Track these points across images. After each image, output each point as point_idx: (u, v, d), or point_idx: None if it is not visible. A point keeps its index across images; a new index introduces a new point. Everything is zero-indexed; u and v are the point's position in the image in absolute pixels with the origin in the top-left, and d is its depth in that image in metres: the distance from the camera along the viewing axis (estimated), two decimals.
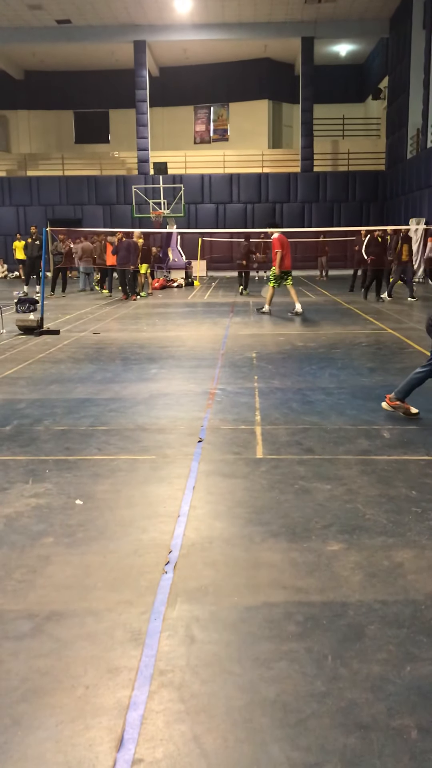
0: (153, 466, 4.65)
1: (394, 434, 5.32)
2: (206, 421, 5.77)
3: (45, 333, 11.16)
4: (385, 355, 8.90)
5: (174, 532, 3.61)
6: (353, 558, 3.29)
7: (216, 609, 2.85)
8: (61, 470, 4.59)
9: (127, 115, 33.15)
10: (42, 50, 30.64)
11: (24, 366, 8.39)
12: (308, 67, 29.61)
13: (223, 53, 31.57)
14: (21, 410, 6.20)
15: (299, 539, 3.50)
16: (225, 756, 2.05)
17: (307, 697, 2.31)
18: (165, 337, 10.94)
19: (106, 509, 3.93)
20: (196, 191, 30.18)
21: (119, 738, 2.13)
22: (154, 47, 30.35)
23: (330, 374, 7.67)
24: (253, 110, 33.62)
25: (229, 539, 3.52)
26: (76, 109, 35.53)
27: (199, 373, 7.81)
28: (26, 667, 2.49)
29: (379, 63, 31.29)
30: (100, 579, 3.12)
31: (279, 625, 2.73)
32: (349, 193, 30.55)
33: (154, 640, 2.64)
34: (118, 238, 17.53)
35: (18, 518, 3.81)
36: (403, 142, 26.69)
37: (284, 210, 30.43)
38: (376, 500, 4.00)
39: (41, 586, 3.06)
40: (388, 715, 2.22)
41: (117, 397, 6.70)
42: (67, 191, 30.79)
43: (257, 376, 7.63)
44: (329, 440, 5.19)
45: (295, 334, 10.89)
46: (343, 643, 2.62)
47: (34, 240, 19.52)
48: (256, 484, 4.30)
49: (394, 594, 2.96)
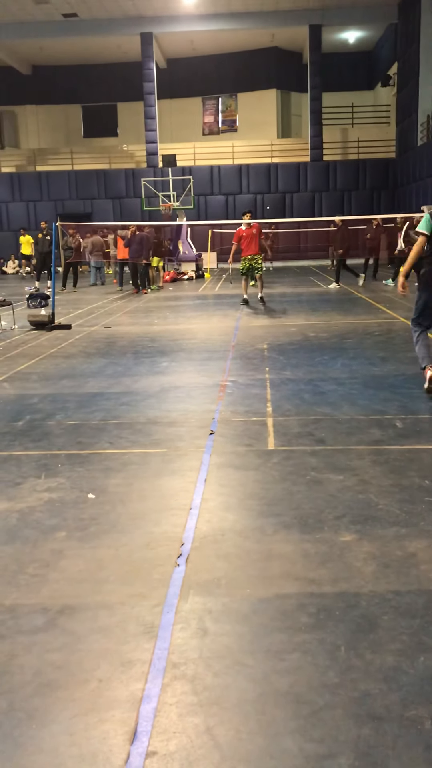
0: (165, 459, 4.66)
1: (407, 424, 5.29)
2: (217, 413, 5.76)
3: (56, 328, 11.19)
4: (397, 344, 8.85)
5: (186, 524, 3.61)
6: (366, 548, 3.28)
7: (228, 601, 2.85)
8: (73, 464, 4.60)
9: (135, 108, 33.05)
10: (49, 45, 30.59)
11: (36, 361, 8.42)
12: (316, 55, 29.38)
13: (231, 43, 31.39)
14: (33, 405, 6.22)
15: (311, 530, 3.49)
16: (238, 748, 2.05)
17: (320, 688, 2.31)
18: (176, 330, 10.93)
19: (118, 503, 3.94)
20: (205, 183, 30.08)
21: (133, 731, 2.13)
22: (161, 39, 30.22)
23: (342, 364, 7.63)
24: (262, 100, 33.43)
25: (241, 531, 3.51)
26: (84, 103, 35.48)
27: (210, 366, 7.80)
28: (40, 661, 2.50)
29: (387, 49, 30.98)
30: (112, 572, 3.12)
31: (291, 617, 2.73)
32: (359, 181, 30.33)
33: (167, 633, 2.64)
34: (132, 231, 17.49)
35: (31, 513, 3.83)
36: (413, 129, 26.44)
37: (294, 199, 30.27)
38: (388, 490, 3.98)
39: (54, 580, 3.08)
40: (401, 705, 2.21)
41: (128, 390, 6.71)
42: (77, 186, 30.79)
43: (268, 367, 7.61)
44: (341, 431, 5.17)
45: (306, 325, 10.85)
46: (356, 633, 2.61)
47: (44, 235, 19.54)
48: (267, 476, 4.29)
49: (408, 584, 2.95)
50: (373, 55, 34.18)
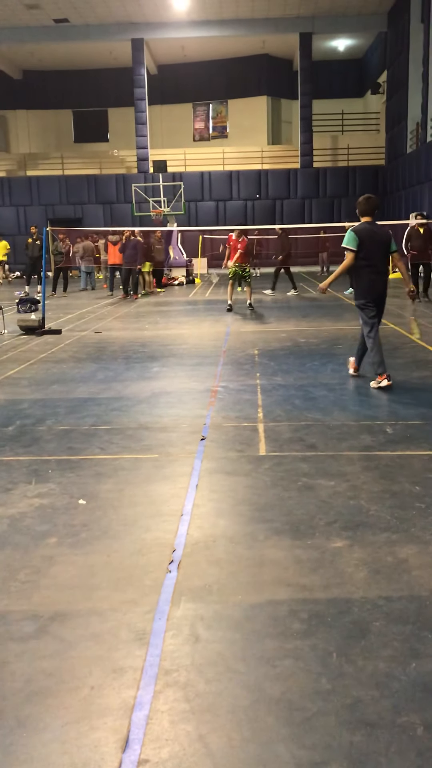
0: (156, 465, 4.65)
1: (397, 429, 5.31)
2: (209, 418, 5.76)
3: (47, 333, 11.15)
4: (386, 350, 8.85)
5: (177, 530, 3.60)
6: (357, 554, 3.28)
7: (220, 607, 2.85)
8: (63, 470, 4.58)
9: (126, 114, 33.10)
10: (40, 49, 30.59)
11: (26, 366, 8.39)
12: (307, 63, 29.53)
13: (221, 50, 31.51)
14: (23, 410, 6.19)
15: (303, 536, 3.49)
16: (230, 755, 2.04)
17: (313, 695, 2.30)
18: (167, 335, 10.93)
19: (109, 509, 3.92)
20: (195, 189, 30.13)
21: (125, 738, 2.12)
22: (152, 45, 30.30)
23: (332, 370, 7.65)
24: (252, 107, 33.54)
25: (232, 537, 3.51)
26: (75, 108, 35.49)
27: (201, 371, 7.80)
28: (31, 668, 2.48)
29: (377, 57, 31.19)
30: (104, 579, 3.11)
31: (283, 623, 2.73)
32: (349, 188, 30.47)
33: (159, 640, 2.63)
34: (126, 236, 17.48)
35: (22, 519, 3.81)
36: (402, 137, 26.61)
37: (284, 206, 30.38)
38: (379, 496, 3.99)
39: (45, 586, 3.06)
40: (393, 712, 2.21)
41: (119, 396, 6.70)
42: (67, 191, 30.77)
43: (259, 372, 7.62)
44: (332, 436, 5.18)
45: (296, 331, 10.87)
46: (347, 640, 2.61)
47: (35, 240, 19.50)
48: (259, 482, 4.29)
49: (399, 590, 2.95)
50: (363, 62, 34.41)
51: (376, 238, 6.62)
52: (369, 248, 6.57)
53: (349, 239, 6.57)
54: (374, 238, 6.60)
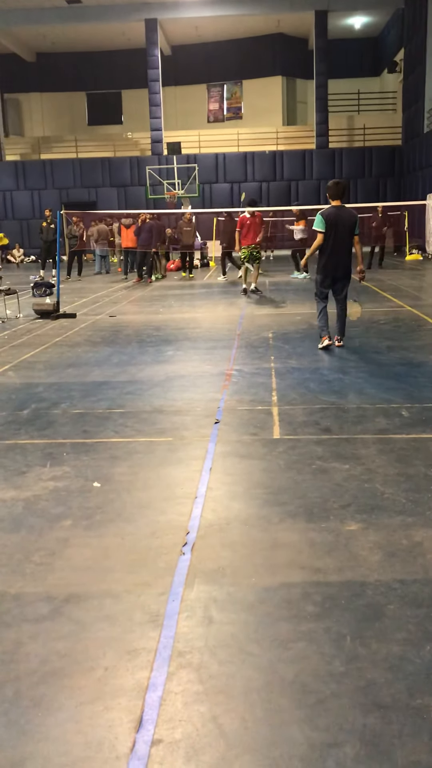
0: (170, 448, 4.65)
1: (413, 413, 5.27)
2: (223, 402, 5.75)
3: (61, 317, 11.17)
4: (403, 333, 8.81)
5: (191, 513, 3.61)
6: (372, 537, 3.27)
7: (234, 590, 2.85)
8: (78, 453, 4.60)
9: (139, 96, 32.84)
10: (53, 32, 30.37)
11: (41, 350, 8.41)
12: (322, 42, 29.09)
13: (236, 29, 31.11)
14: (38, 394, 6.22)
15: (317, 519, 3.48)
16: (244, 736, 2.05)
17: (326, 677, 2.30)
18: (181, 318, 10.91)
19: (123, 491, 3.94)
20: (210, 171, 29.91)
21: (138, 719, 2.13)
22: (166, 25, 29.98)
23: (347, 352, 7.60)
24: (267, 87, 33.16)
25: (246, 520, 3.51)
26: (89, 91, 35.27)
27: (215, 354, 7.79)
28: (45, 649, 2.50)
29: (394, 35, 30.67)
30: (118, 561, 3.12)
31: (297, 606, 2.72)
32: (365, 168, 30.11)
33: (173, 622, 2.64)
34: (142, 220, 17.40)
35: (36, 501, 3.83)
36: (419, 116, 26.22)
37: (300, 187, 30.10)
38: (394, 479, 3.97)
39: (60, 568, 3.08)
40: (407, 694, 2.21)
41: (133, 379, 6.70)
42: (81, 174, 30.65)
43: (274, 356, 7.59)
44: (347, 419, 5.15)
45: (311, 314, 10.78)
46: (361, 622, 2.60)
47: (49, 224, 19.49)
48: (273, 465, 4.28)
49: (413, 573, 2.94)
50: (379, 41, 33.85)
51: (342, 221, 7.29)
52: (335, 230, 7.29)
53: (318, 222, 7.32)
54: (340, 221, 7.29)
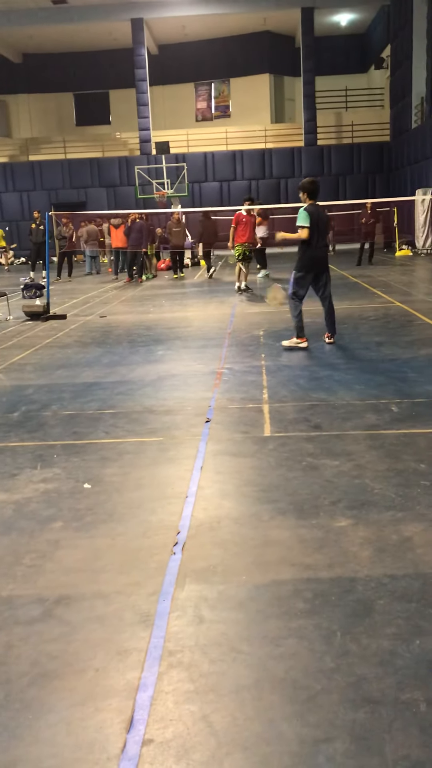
0: (161, 448, 4.65)
1: (403, 408, 5.29)
2: (214, 400, 5.75)
3: (52, 318, 11.15)
4: (393, 329, 8.84)
5: (182, 512, 3.61)
6: (361, 533, 3.28)
7: (224, 588, 2.86)
8: (69, 455, 4.59)
9: (127, 95, 32.79)
10: (39, 32, 30.28)
11: (31, 352, 8.40)
12: (309, 39, 29.11)
13: (222, 28, 31.09)
14: (29, 396, 6.21)
15: (307, 516, 3.49)
16: (235, 734, 2.06)
17: (316, 673, 2.31)
18: (171, 318, 10.90)
19: (114, 492, 3.93)
20: (199, 170, 29.90)
21: (129, 719, 2.14)
22: (152, 24, 29.94)
23: (337, 349, 7.62)
24: (255, 85, 33.16)
25: (237, 518, 3.52)
26: (76, 91, 35.19)
27: (206, 353, 7.79)
28: (36, 651, 2.50)
29: (380, 31, 30.72)
30: (109, 562, 3.12)
31: (288, 603, 2.73)
32: (354, 165, 30.16)
33: (163, 621, 2.64)
34: (131, 219, 17.37)
35: (27, 504, 3.83)
36: (407, 112, 26.27)
37: (289, 185, 30.11)
38: (384, 475, 3.98)
39: (51, 570, 3.08)
40: (397, 689, 2.22)
41: (124, 379, 6.70)
42: (70, 174, 30.59)
43: (264, 354, 7.60)
44: (337, 416, 5.16)
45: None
46: (351, 618, 2.61)
47: (38, 225, 19.45)
48: (264, 463, 4.29)
49: (403, 568, 2.95)
50: (365, 37, 33.90)
51: (322, 217, 7.56)
52: (318, 226, 7.48)
53: (303, 217, 7.44)
54: (320, 217, 7.54)
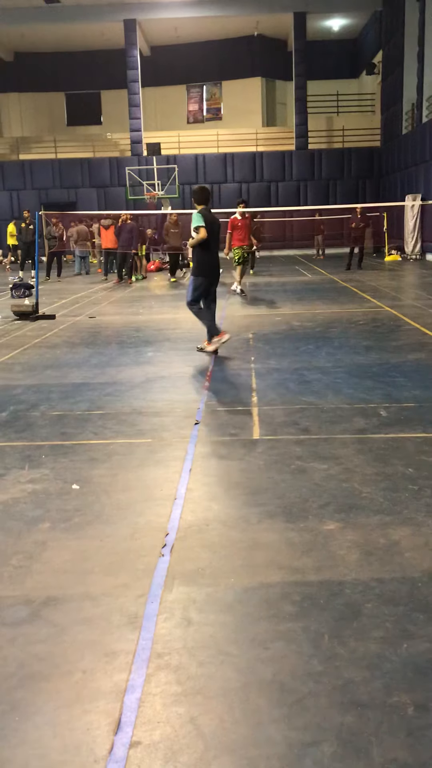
0: (149, 450, 4.64)
1: (391, 412, 5.31)
2: (203, 403, 5.75)
3: (40, 318, 11.11)
4: (381, 333, 8.88)
5: (171, 514, 3.60)
6: (350, 537, 3.29)
7: (213, 591, 2.86)
8: (57, 455, 4.58)
9: (119, 96, 32.77)
10: (31, 31, 30.21)
11: (19, 351, 8.36)
12: (301, 43, 29.23)
13: (215, 31, 31.15)
14: (17, 396, 6.18)
15: (296, 519, 3.49)
16: (222, 737, 2.05)
17: (304, 676, 2.31)
18: (161, 319, 10.89)
19: (102, 493, 3.92)
20: (190, 172, 29.91)
21: (117, 721, 2.13)
22: (145, 26, 29.94)
23: (326, 353, 7.64)
24: (246, 88, 33.23)
25: (225, 521, 3.52)
26: (68, 91, 35.13)
27: (195, 356, 7.79)
28: (23, 652, 2.49)
29: (372, 37, 30.89)
30: (96, 563, 3.11)
31: (276, 606, 2.73)
32: (344, 170, 30.29)
33: (151, 623, 2.64)
34: (122, 220, 17.34)
35: (15, 504, 3.81)
36: (398, 118, 26.43)
37: (279, 188, 30.19)
38: (372, 479, 4.00)
39: (38, 571, 3.06)
40: (384, 692, 2.22)
41: (113, 381, 6.68)
42: (61, 174, 30.51)
43: (254, 356, 7.61)
44: (326, 419, 5.17)
45: (291, 314, 10.85)
46: (339, 621, 2.62)
47: (27, 224, 19.38)
48: (252, 465, 4.29)
49: (391, 572, 2.96)
50: (357, 43, 34.08)
51: (215, 222, 7.69)
52: (210, 230, 7.56)
53: (197, 219, 7.54)
54: (214, 222, 7.66)
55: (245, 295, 13.78)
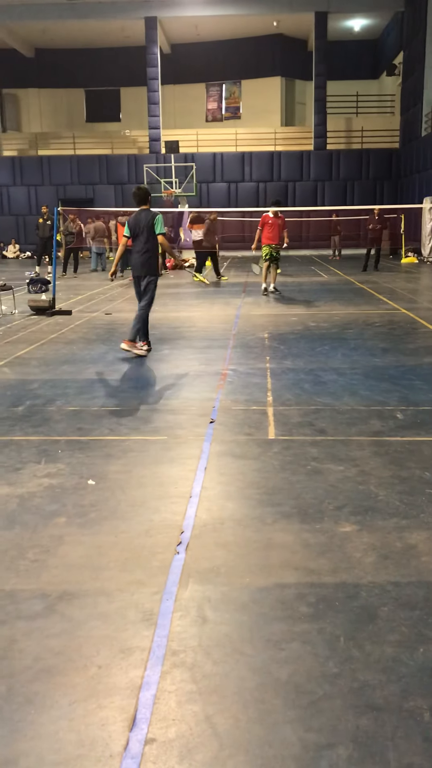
0: (164, 447, 4.65)
1: (408, 415, 5.28)
2: (218, 401, 5.75)
3: (57, 313, 11.15)
4: (398, 335, 8.84)
5: (186, 512, 3.60)
6: (366, 539, 3.28)
7: (228, 590, 2.85)
8: (73, 450, 4.59)
9: (138, 93, 32.83)
10: (52, 27, 30.33)
11: (36, 346, 8.40)
12: (321, 43, 29.15)
13: (235, 29, 31.13)
14: (33, 390, 6.20)
15: (311, 520, 3.48)
16: (237, 736, 2.05)
17: (320, 678, 2.31)
18: (176, 317, 10.90)
19: (118, 489, 3.93)
20: (207, 170, 29.92)
21: (132, 717, 2.13)
22: (166, 23, 29.97)
23: (342, 354, 7.62)
24: (266, 87, 33.20)
25: (240, 520, 3.51)
26: (87, 87, 35.24)
27: (210, 354, 7.79)
28: (39, 646, 2.50)
29: (393, 38, 30.75)
30: (112, 559, 3.12)
31: (291, 606, 2.73)
32: (362, 171, 30.19)
33: (167, 621, 2.64)
34: None
35: (31, 498, 3.83)
36: (417, 119, 26.30)
37: (297, 188, 30.13)
38: (388, 482, 3.98)
39: (54, 565, 3.07)
40: (400, 696, 2.21)
41: (129, 377, 6.69)
42: (79, 170, 30.62)
43: (269, 356, 7.59)
44: (342, 421, 5.16)
45: (307, 315, 10.82)
46: (355, 624, 2.61)
47: (45, 220, 19.46)
48: (267, 465, 4.28)
49: (407, 576, 2.95)
50: (378, 43, 33.94)
51: (141, 222, 7.67)
52: (135, 231, 7.72)
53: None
54: (138, 222, 7.68)
55: (267, 294, 13.67)
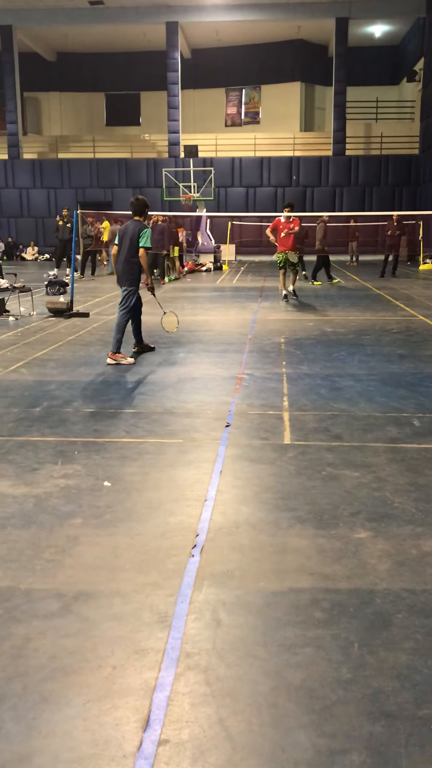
0: (180, 450, 4.66)
1: (424, 422, 5.26)
2: (233, 405, 5.76)
3: (75, 315, 11.22)
4: (415, 342, 8.80)
5: (201, 515, 3.62)
6: (381, 546, 3.27)
7: (242, 593, 2.86)
8: (89, 452, 4.62)
9: (158, 98, 32.97)
10: (74, 32, 30.56)
11: (54, 348, 8.45)
12: (342, 49, 29.11)
13: (256, 34, 31.18)
14: (51, 392, 6.25)
15: (326, 526, 3.48)
16: (250, 740, 2.06)
17: (333, 683, 2.31)
18: (193, 321, 10.92)
19: (133, 491, 3.95)
20: (226, 174, 29.97)
21: (146, 718, 2.14)
22: (186, 28, 30.08)
23: (359, 360, 7.60)
24: (286, 93, 33.21)
25: (255, 524, 3.52)
26: (108, 91, 35.44)
27: (226, 358, 7.80)
28: (54, 645, 2.52)
29: (414, 44, 30.64)
30: (127, 560, 3.14)
31: (305, 611, 2.73)
32: (381, 177, 30.10)
33: (181, 623, 2.65)
34: (153, 221, 17.44)
35: (47, 498, 3.85)
36: None
37: (315, 194, 30.10)
38: (404, 488, 3.97)
39: (70, 566, 3.09)
40: (414, 704, 2.21)
41: (145, 380, 6.72)
42: (98, 174, 30.78)
43: (285, 361, 7.59)
44: (358, 427, 5.15)
45: (324, 320, 10.81)
46: (369, 630, 2.60)
47: (65, 222, 19.58)
48: (283, 470, 4.29)
49: (422, 583, 2.94)
50: (399, 49, 33.83)
51: (128, 233, 7.78)
52: (121, 241, 7.84)
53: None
54: (126, 233, 7.81)
55: (287, 300, 13.54)
